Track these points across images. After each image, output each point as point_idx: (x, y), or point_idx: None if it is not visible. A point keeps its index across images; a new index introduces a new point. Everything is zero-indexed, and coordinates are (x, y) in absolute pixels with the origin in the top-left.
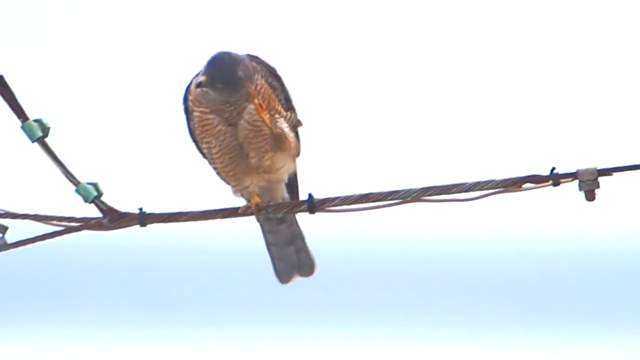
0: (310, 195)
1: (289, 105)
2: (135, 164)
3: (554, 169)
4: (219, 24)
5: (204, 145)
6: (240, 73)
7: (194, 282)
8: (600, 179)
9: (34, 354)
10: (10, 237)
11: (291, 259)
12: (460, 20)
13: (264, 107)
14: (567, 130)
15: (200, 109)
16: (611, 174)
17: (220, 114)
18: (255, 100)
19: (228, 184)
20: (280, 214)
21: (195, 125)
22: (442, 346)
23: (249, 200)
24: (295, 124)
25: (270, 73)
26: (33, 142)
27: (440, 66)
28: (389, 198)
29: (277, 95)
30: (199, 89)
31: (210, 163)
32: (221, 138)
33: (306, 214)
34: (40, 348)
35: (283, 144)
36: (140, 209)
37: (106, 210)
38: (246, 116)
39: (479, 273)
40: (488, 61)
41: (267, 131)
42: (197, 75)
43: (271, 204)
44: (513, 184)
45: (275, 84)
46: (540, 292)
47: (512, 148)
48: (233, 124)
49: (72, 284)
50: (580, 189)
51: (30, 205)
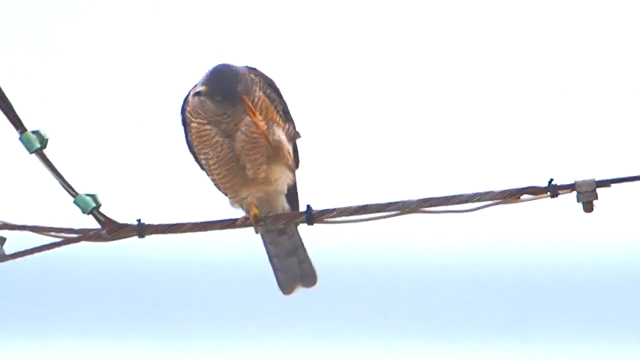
0: (308, 206)
1: (287, 117)
2: (134, 175)
3: (552, 180)
4: (218, 34)
5: (201, 157)
6: (239, 87)
7: (193, 294)
8: (598, 191)
9: None
10: (8, 248)
11: (293, 270)
12: (458, 33)
13: (256, 113)
14: (565, 141)
15: (198, 120)
16: (609, 186)
17: (217, 125)
18: (251, 113)
19: (226, 195)
20: (278, 225)
21: (193, 137)
22: (442, 357)
23: (248, 212)
24: (293, 136)
25: (269, 85)
26: (31, 154)
27: (439, 78)
28: (388, 209)
29: (275, 107)
30: (196, 98)
31: (208, 174)
32: (218, 149)
33: (305, 225)
34: (38, 359)
35: (280, 155)
36: (139, 220)
37: (104, 221)
38: (243, 128)
39: (477, 284)
40: (486, 72)
41: (264, 142)
42: (195, 86)
43: (270, 215)
44: (511, 196)
45: (273, 95)
46: (539, 304)
47: (510, 159)
48: (230, 136)
49: (71, 295)
50: (578, 201)
51: (29, 217)
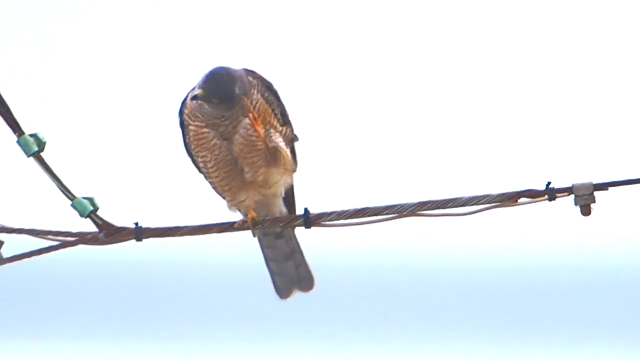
0: (306, 209)
1: (285, 120)
2: (131, 178)
3: (549, 183)
4: (218, 35)
5: (199, 160)
6: (237, 90)
7: (190, 297)
8: (596, 194)
9: None
10: (6, 252)
11: (290, 274)
12: (457, 37)
13: (259, 121)
14: (563, 144)
15: (196, 123)
16: (607, 189)
17: (215, 128)
18: (250, 115)
19: (224, 198)
20: (276, 229)
21: (191, 139)
22: (439, 358)
23: (245, 215)
24: (291, 139)
25: (267, 87)
26: (29, 157)
27: (436, 81)
28: (385, 212)
29: (273, 110)
30: (194, 102)
31: (206, 177)
32: (216, 152)
33: (302, 228)
34: None
35: (278, 159)
36: (136, 224)
37: (102, 224)
38: (241, 130)
39: (475, 287)
40: (484, 76)
41: (262, 145)
42: (193, 89)
43: (267, 218)
44: (509, 199)
45: (271, 98)
46: (537, 306)
47: (508, 163)
48: (228, 138)
49: (68, 298)
50: (576, 204)
51: (26, 220)
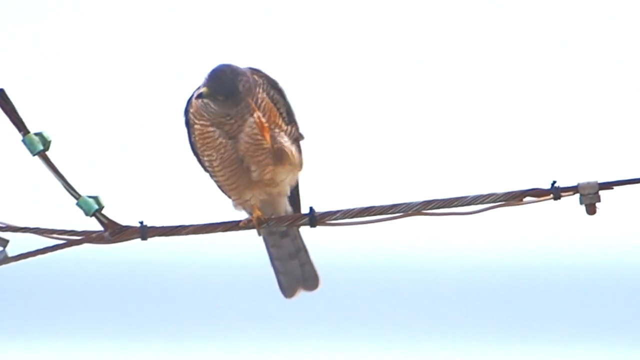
0: (311, 208)
1: (290, 119)
2: (136, 177)
3: (554, 182)
4: (220, 34)
5: (205, 159)
6: (241, 86)
7: (195, 296)
8: (601, 193)
9: None
10: (11, 251)
11: (295, 273)
12: (460, 36)
13: (267, 128)
14: (568, 143)
15: (201, 122)
16: (612, 188)
17: (220, 127)
18: (257, 118)
19: (229, 197)
20: (281, 228)
21: (196, 138)
22: (444, 358)
23: (250, 214)
24: (296, 138)
25: (272, 86)
26: (34, 156)
27: (442, 80)
28: (390, 211)
29: (279, 109)
30: (199, 101)
31: (211, 176)
32: (222, 151)
33: (307, 227)
34: None
35: (283, 158)
36: (141, 222)
37: (107, 223)
38: (247, 129)
39: (480, 286)
40: (489, 76)
41: (267, 144)
42: (198, 88)
43: (273, 217)
44: (514, 198)
45: (276, 97)
46: (542, 305)
47: (513, 162)
48: (234, 137)
49: (73, 297)
50: (581, 203)
51: (31, 219)
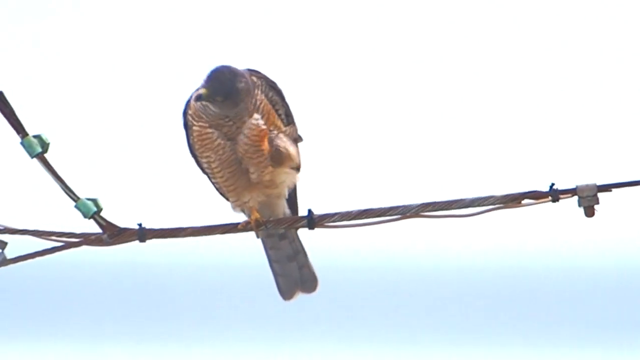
0: (309, 211)
1: (289, 120)
2: (135, 179)
3: (553, 185)
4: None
5: (203, 160)
6: (240, 87)
7: (193, 298)
8: (599, 195)
9: None
10: (9, 253)
11: (294, 275)
12: (459, 38)
13: (265, 140)
14: (567, 146)
15: (200, 124)
16: (610, 190)
17: (219, 129)
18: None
19: (228, 199)
20: (279, 230)
21: (195, 140)
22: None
23: (249, 216)
24: (295, 139)
25: (271, 87)
26: (32, 158)
27: (440, 82)
28: (389, 214)
29: (277, 110)
30: (198, 102)
31: (210, 178)
32: (220, 152)
33: (306, 229)
34: None
35: (282, 159)
36: (140, 225)
37: (105, 225)
38: (246, 131)
39: (478, 288)
40: (487, 77)
41: (265, 146)
42: (197, 89)
43: (271, 219)
44: (512, 200)
45: (275, 98)
46: (540, 308)
47: (512, 164)
48: (232, 139)
49: (72, 299)
50: (579, 205)
51: (30, 221)
